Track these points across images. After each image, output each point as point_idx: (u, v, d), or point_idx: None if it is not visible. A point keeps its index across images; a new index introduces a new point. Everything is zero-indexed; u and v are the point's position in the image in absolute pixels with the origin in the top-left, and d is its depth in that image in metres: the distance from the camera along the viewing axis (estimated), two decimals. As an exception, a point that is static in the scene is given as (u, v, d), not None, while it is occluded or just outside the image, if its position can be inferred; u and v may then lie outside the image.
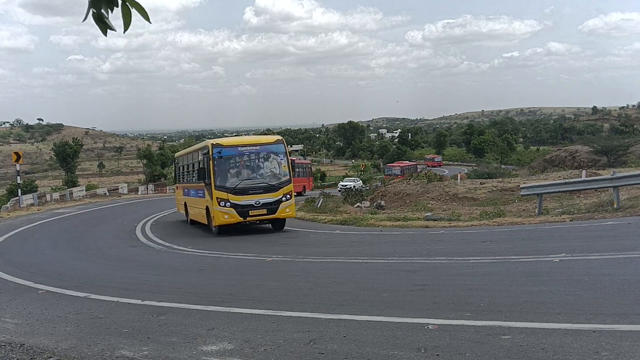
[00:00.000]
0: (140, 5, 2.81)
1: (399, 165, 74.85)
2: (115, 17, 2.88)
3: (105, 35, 2.94)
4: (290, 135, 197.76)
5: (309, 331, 5.58)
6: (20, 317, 7.30)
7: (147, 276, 10.73)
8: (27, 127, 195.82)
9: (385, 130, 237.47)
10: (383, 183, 39.37)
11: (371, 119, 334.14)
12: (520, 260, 8.96)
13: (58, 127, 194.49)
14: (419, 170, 68.73)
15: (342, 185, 48.97)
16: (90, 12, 2.79)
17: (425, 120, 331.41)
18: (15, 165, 33.53)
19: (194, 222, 20.84)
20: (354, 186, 44.41)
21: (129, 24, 2.83)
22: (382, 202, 26.63)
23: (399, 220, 18.64)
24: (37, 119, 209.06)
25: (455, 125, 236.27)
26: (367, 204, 27.67)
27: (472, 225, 15.86)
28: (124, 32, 2.91)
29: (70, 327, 6.59)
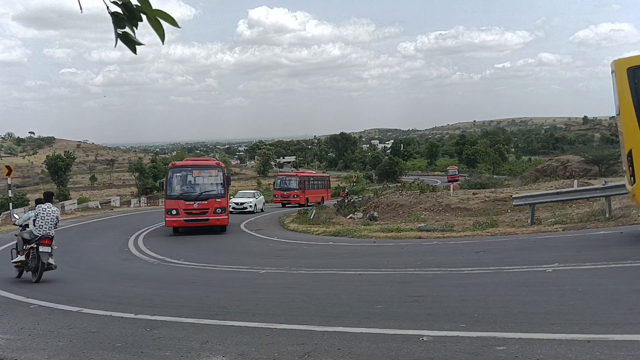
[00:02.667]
0: (167, 14, 2.72)
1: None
2: (138, 32, 2.82)
3: (135, 53, 2.87)
4: (283, 147, 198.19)
5: (304, 344, 5.56)
6: (12, 332, 7.23)
7: (140, 290, 10.67)
8: (19, 141, 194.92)
9: (378, 141, 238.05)
10: (376, 194, 39.26)
11: (363, 130, 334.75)
12: (514, 270, 8.98)
13: (50, 140, 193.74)
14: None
15: (235, 204, 34.52)
16: (116, 33, 2.73)
17: (418, 131, 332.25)
18: (6, 178, 33.33)
19: None
20: (252, 204, 35.68)
21: (164, 34, 2.76)
22: (375, 213, 26.64)
23: (392, 231, 18.65)
24: (29, 132, 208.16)
25: (447, 135, 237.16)
26: (360, 215, 27.70)
27: (465, 235, 15.89)
28: (162, 44, 2.86)
29: (62, 342, 6.53)
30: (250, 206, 34.93)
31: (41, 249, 11.76)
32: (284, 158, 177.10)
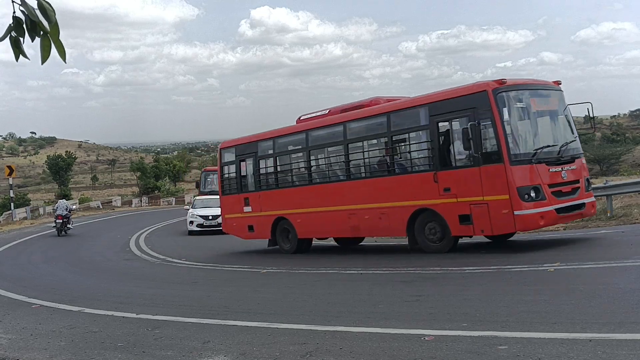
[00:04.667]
0: (60, 42, 2.80)
1: None
2: (32, 46, 2.88)
3: (17, 61, 2.94)
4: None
5: (305, 343, 5.56)
6: (14, 332, 7.25)
7: (141, 289, 10.69)
8: (20, 141, 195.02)
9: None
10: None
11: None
12: (516, 269, 8.96)
13: (51, 141, 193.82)
14: None
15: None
16: (9, 35, 2.79)
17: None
18: (7, 179, 33.40)
19: None
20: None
21: (47, 57, 2.81)
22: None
23: (393, 230, 18.60)
24: (30, 132, 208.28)
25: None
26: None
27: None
28: (41, 64, 2.88)
29: (64, 341, 6.55)
30: None
31: (57, 220, 24.28)
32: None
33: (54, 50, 2.83)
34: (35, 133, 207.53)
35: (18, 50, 2.84)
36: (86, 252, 18.08)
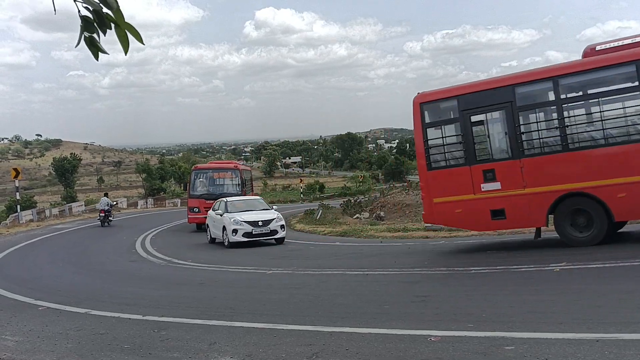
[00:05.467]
0: (134, 28, 2.78)
1: None
2: (105, 40, 2.86)
3: (97, 60, 2.91)
4: (289, 148, 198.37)
5: (311, 344, 5.56)
6: (21, 335, 7.27)
7: (147, 291, 10.70)
8: (26, 143, 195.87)
9: (384, 140, 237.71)
10: (382, 194, 39.08)
11: (369, 130, 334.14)
12: (522, 269, 8.95)
13: (57, 143, 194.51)
14: None
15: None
16: (83, 36, 2.78)
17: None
18: (14, 181, 33.51)
19: None
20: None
21: (128, 47, 2.80)
22: (382, 213, 26.61)
23: (398, 231, 18.63)
24: (36, 135, 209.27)
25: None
26: (367, 215, 27.67)
27: (472, 235, 15.84)
28: (125, 55, 2.89)
29: (71, 343, 6.56)
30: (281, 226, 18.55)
31: (100, 214, 28.61)
32: (290, 158, 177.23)
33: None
34: (41, 135, 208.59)
35: (96, 48, 2.82)
36: (92, 253, 18.12)
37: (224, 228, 18.03)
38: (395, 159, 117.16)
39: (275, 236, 17.93)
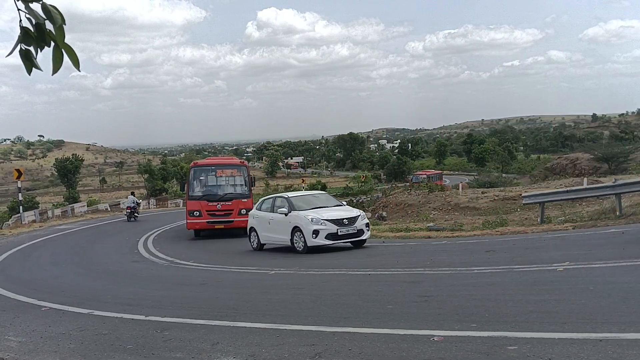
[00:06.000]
0: (72, 49, 2.70)
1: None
2: (44, 56, 2.77)
3: (29, 75, 2.80)
4: (291, 148, 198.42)
5: (314, 344, 5.56)
6: (24, 335, 7.28)
7: (150, 291, 10.71)
8: (28, 144, 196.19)
9: (386, 140, 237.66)
10: (384, 194, 38.91)
11: (371, 130, 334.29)
12: (524, 269, 8.94)
13: (59, 144, 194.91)
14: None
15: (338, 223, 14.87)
16: (18, 47, 2.68)
17: (425, 130, 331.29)
18: (16, 182, 33.56)
19: None
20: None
21: (59, 68, 2.72)
22: (384, 213, 26.62)
23: (401, 231, 18.62)
24: (38, 136, 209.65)
25: (455, 134, 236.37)
26: (369, 215, 27.67)
27: (474, 235, 15.84)
28: (52, 75, 2.78)
29: (74, 344, 6.57)
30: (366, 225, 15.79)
31: (127, 210, 31.93)
32: (292, 158, 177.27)
33: (66, 59, 2.72)
34: (43, 136, 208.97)
35: (30, 63, 2.72)
36: (94, 254, 18.14)
37: (296, 229, 14.91)
38: (397, 159, 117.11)
39: (362, 237, 15.02)
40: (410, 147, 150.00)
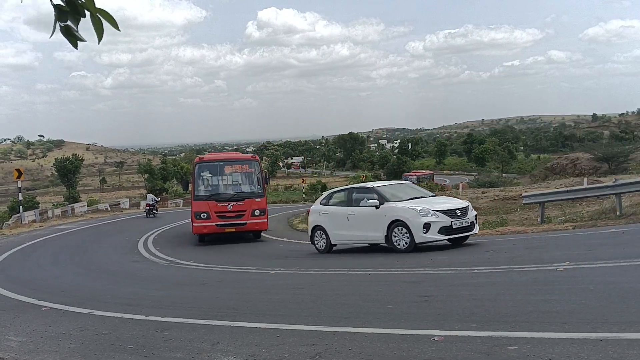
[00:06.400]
0: (109, 14, 2.73)
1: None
2: (82, 27, 2.80)
3: (76, 48, 2.84)
4: (291, 148, 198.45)
5: (314, 344, 5.56)
6: (24, 335, 7.28)
7: (150, 291, 10.72)
8: (29, 144, 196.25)
9: (386, 140, 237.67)
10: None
11: (371, 130, 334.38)
12: (525, 269, 8.93)
13: (59, 143, 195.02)
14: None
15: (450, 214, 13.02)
16: (58, 26, 2.72)
17: (425, 130, 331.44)
18: (16, 181, 33.57)
19: None
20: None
21: (102, 35, 2.74)
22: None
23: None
24: (38, 136, 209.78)
25: (456, 134, 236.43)
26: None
27: (474, 234, 15.82)
28: (98, 43, 2.84)
29: (74, 344, 6.57)
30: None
31: (146, 207, 35.46)
32: (292, 158, 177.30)
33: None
34: (43, 136, 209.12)
35: (73, 37, 2.76)
36: (95, 254, 18.14)
37: (395, 224, 12.82)
38: (397, 159, 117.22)
39: (473, 231, 13.29)
40: (410, 147, 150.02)
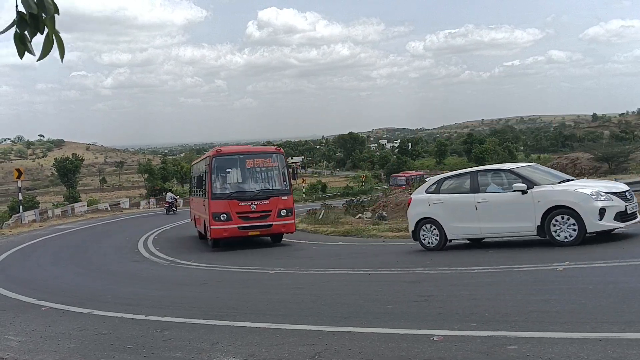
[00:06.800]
0: (61, 40, 2.76)
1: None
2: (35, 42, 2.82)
3: (21, 58, 2.85)
4: (291, 147, 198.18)
5: (314, 344, 5.56)
6: (24, 335, 7.28)
7: (150, 291, 10.72)
8: (29, 144, 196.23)
9: (386, 140, 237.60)
10: (384, 194, 38.82)
11: (371, 130, 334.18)
12: (524, 269, 8.93)
13: (59, 143, 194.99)
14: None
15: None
16: (14, 30, 2.73)
17: (425, 130, 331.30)
18: (16, 181, 33.58)
19: None
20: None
21: (47, 54, 2.77)
22: (384, 213, 26.58)
23: (401, 230, 18.57)
24: (38, 135, 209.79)
25: (456, 134, 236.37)
26: (369, 214, 27.63)
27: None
28: (37, 60, 2.83)
29: (74, 343, 6.57)
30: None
31: (166, 205, 39.78)
32: (292, 158, 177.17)
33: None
34: (43, 136, 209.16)
35: (23, 46, 2.76)
36: (94, 254, 18.14)
37: (554, 211, 10.70)
38: (397, 159, 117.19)
39: (638, 219, 11.13)
40: (410, 147, 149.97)
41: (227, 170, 17.10)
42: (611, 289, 6.85)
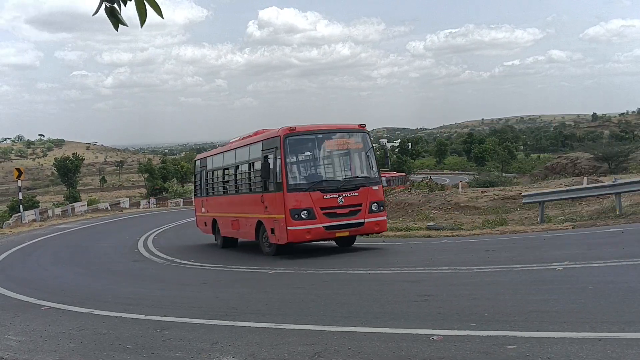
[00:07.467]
0: (154, 1, 2.76)
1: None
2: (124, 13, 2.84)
3: (117, 30, 2.89)
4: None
5: (314, 344, 5.56)
6: (24, 334, 7.28)
7: (150, 291, 10.72)
8: (29, 143, 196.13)
9: (386, 140, 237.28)
10: (384, 193, 38.59)
11: (372, 129, 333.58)
12: (524, 269, 8.94)
13: (59, 143, 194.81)
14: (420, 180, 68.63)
15: None
16: (103, 6, 2.77)
17: (426, 129, 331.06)
18: (17, 181, 33.58)
19: None
20: None
21: (145, 19, 2.78)
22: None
23: (401, 230, 18.62)
24: (39, 135, 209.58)
25: (456, 134, 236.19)
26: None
27: (474, 234, 15.83)
28: (140, 27, 2.87)
29: (73, 343, 6.57)
30: None
31: None
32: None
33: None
34: (43, 135, 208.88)
35: (116, 19, 2.79)
36: (95, 253, 18.14)
37: None
38: (397, 158, 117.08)
39: None
40: (410, 147, 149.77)
41: (306, 153, 13.93)
42: (611, 288, 6.86)
